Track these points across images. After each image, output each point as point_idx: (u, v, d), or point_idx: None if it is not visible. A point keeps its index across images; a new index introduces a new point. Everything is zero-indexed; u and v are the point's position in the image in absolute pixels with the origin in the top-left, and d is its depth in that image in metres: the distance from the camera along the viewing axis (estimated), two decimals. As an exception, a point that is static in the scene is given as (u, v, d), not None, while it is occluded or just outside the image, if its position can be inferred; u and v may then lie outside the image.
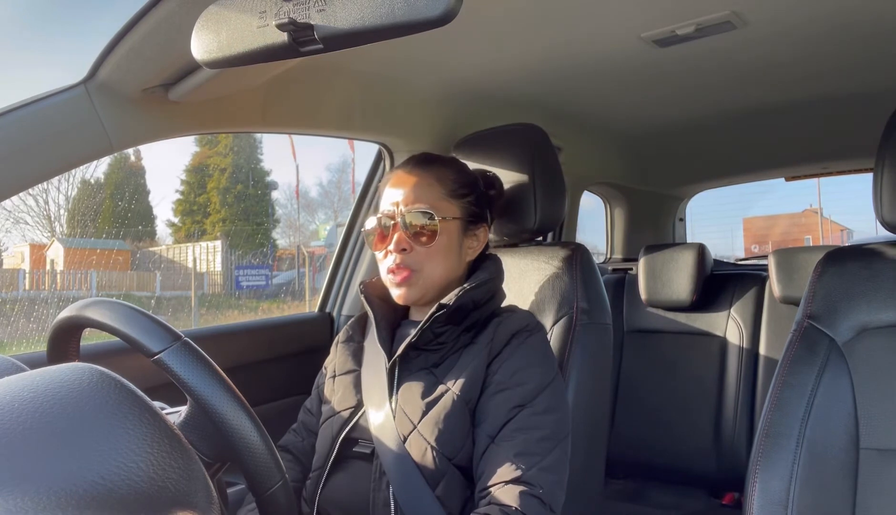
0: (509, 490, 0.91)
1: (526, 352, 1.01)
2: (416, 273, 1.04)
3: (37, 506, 0.36)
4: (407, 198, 1.06)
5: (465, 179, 1.12)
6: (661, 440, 2.09)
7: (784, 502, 0.93)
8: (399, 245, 1.04)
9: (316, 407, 1.16)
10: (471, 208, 1.11)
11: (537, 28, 1.29)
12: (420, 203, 1.05)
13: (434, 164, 1.11)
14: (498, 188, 1.24)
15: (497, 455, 0.94)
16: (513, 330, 1.03)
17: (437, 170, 1.10)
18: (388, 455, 0.98)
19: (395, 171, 1.12)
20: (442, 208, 1.06)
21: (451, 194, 1.09)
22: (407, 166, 1.11)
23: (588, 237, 2.84)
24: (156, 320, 0.69)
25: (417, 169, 1.09)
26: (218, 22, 0.65)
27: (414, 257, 1.04)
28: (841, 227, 20.78)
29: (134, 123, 1.06)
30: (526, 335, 1.03)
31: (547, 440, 0.95)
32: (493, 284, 1.09)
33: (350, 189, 15.73)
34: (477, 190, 1.14)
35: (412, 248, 1.04)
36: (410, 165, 1.11)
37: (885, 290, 0.99)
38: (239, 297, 11.54)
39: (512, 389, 0.98)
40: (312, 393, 1.19)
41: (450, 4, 0.54)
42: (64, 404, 0.43)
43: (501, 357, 1.01)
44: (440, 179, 1.09)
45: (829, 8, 1.25)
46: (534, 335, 1.04)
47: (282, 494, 0.68)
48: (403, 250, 1.04)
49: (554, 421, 0.98)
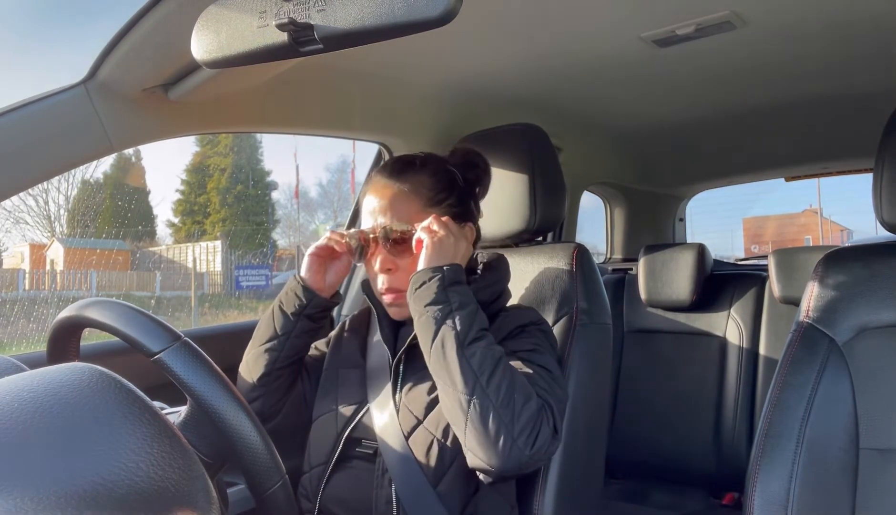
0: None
1: (529, 337, 1.03)
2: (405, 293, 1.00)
3: (37, 506, 0.36)
4: (385, 212, 1.03)
5: (443, 183, 1.07)
6: (661, 440, 2.09)
7: (784, 502, 0.93)
8: (384, 266, 1.03)
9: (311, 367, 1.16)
10: (451, 210, 1.06)
11: (537, 28, 1.29)
12: (398, 219, 1.02)
13: (408, 172, 1.06)
14: (482, 166, 1.15)
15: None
16: (518, 323, 1.04)
17: (413, 178, 1.05)
18: (391, 453, 0.98)
19: (373, 178, 1.08)
20: (423, 218, 1.01)
21: (429, 203, 1.04)
22: (383, 174, 1.07)
23: (588, 237, 2.84)
24: (155, 320, 0.69)
25: (392, 179, 1.05)
26: (218, 22, 0.65)
27: (401, 278, 1.02)
28: (841, 227, 20.79)
29: (134, 122, 1.06)
30: (531, 327, 1.04)
31: (549, 373, 0.97)
32: (500, 285, 1.10)
33: (350, 189, 15.73)
34: (456, 188, 1.09)
35: (396, 267, 1.03)
36: (385, 174, 1.07)
37: (884, 290, 0.99)
38: (239, 297, 11.54)
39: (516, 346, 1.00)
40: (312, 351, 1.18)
41: (450, 4, 0.54)
42: (64, 404, 0.43)
43: (505, 343, 1.00)
44: (416, 190, 1.04)
45: (828, 8, 1.25)
46: (538, 326, 1.05)
47: (282, 494, 0.68)
48: (389, 270, 1.03)
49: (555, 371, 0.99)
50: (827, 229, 20.88)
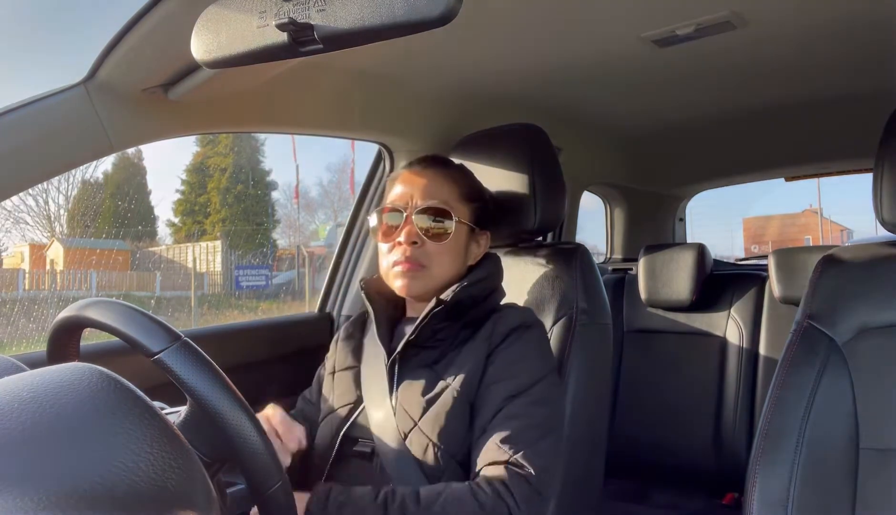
0: (497, 469, 0.91)
1: (523, 346, 1.02)
2: (425, 269, 1.05)
3: (37, 506, 0.36)
4: (423, 192, 1.07)
5: (475, 186, 1.16)
6: (661, 440, 2.09)
7: (784, 502, 0.93)
8: (410, 237, 1.05)
9: (315, 398, 1.17)
10: (478, 213, 1.13)
11: (537, 28, 1.29)
12: (435, 199, 1.06)
13: (448, 166, 1.14)
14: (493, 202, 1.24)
15: (488, 441, 0.95)
16: (512, 325, 1.04)
17: (451, 172, 1.13)
18: (388, 453, 0.98)
19: (407, 168, 1.13)
20: (456, 208, 1.08)
21: (463, 196, 1.11)
22: (420, 165, 1.12)
23: (588, 238, 2.84)
24: (155, 320, 0.69)
25: (431, 168, 1.11)
26: (218, 22, 0.65)
27: (424, 252, 1.05)
28: (841, 227, 20.77)
29: (134, 122, 1.06)
30: (524, 330, 1.04)
31: (538, 429, 0.96)
32: (491, 281, 1.10)
33: (349, 189, 15.73)
34: (483, 198, 1.17)
35: (423, 242, 1.05)
36: (424, 164, 1.12)
37: (884, 290, 0.99)
38: (239, 297, 11.53)
39: (506, 380, 0.99)
40: (313, 384, 1.20)
41: (450, 4, 0.54)
42: (64, 404, 0.43)
43: (498, 351, 1.01)
44: (455, 180, 1.11)
45: (828, 8, 1.25)
46: (532, 329, 1.05)
47: (282, 494, 0.68)
48: (414, 243, 1.05)
49: (546, 413, 0.98)
50: (827, 229, 20.87)
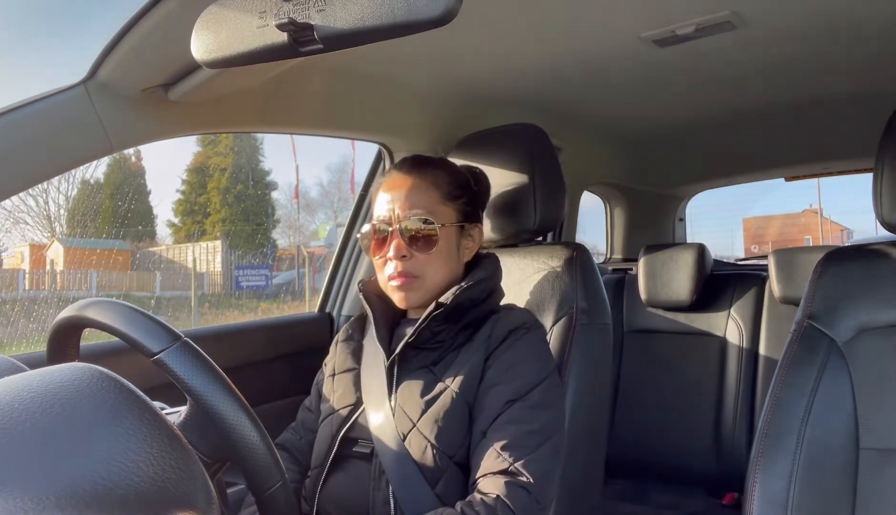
0: (495, 479, 0.91)
1: (522, 348, 1.02)
2: (418, 279, 1.04)
3: (37, 506, 0.36)
4: (403, 204, 1.05)
5: (459, 181, 1.12)
6: (661, 441, 2.09)
7: (784, 502, 0.93)
8: (398, 252, 1.04)
9: (315, 405, 1.17)
10: (465, 209, 1.11)
11: (537, 28, 1.29)
12: (417, 209, 1.05)
13: (427, 166, 1.10)
14: (484, 184, 1.22)
15: (487, 448, 0.94)
16: (510, 327, 1.03)
17: (432, 173, 1.09)
18: (387, 454, 0.98)
19: (389, 173, 1.11)
20: (439, 212, 1.06)
21: (446, 197, 1.08)
22: (401, 169, 1.10)
23: (588, 238, 2.84)
24: (155, 320, 0.69)
25: (412, 173, 1.09)
26: (218, 22, 0.65)
27: (414, 264, 1.04)
28: (841, 227, 20.77)
29: (134, 123, 1.06)
30: (523, 332, 1.03)
31: (537, 435, 0.95)
32: (491, 282, 1.10)
33: (349, 189, 15.72)
34: (469, 190, 1.14)
35: (412, 255, 1.04)
36: (405, 169, 1.10)
37: (884, 290, 0.99)
38: (239, 297, 11.53)
39: (506, 383, 0.98)
40: (312, 391, 1.19)
41: (450, 4, 0.54)
42: (64, 404, 0.43)
43: (497, 353, 1.01)
44: (435, 184, 1.08)
45: (828, 8, 1.25)
46: (531, 332, 1.05)
47: (282, 494, 0.68)
48: (403, 256, 1.04)
49: (546, 417, 0.98)
50: (827, 229, 20.86)
